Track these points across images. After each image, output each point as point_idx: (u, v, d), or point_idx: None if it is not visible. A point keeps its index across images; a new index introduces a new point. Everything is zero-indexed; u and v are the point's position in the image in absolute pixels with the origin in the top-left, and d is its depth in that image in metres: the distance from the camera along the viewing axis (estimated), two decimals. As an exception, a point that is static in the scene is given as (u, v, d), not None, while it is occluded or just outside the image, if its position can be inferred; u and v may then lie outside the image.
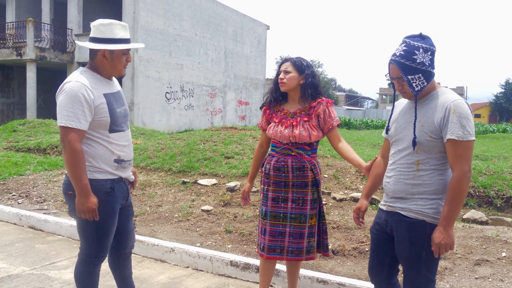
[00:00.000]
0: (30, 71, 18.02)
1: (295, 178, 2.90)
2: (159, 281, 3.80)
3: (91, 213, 2.50)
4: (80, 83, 2.49)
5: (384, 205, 2.46)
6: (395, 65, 2.23)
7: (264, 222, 2.97)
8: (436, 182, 2.24)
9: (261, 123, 3.13)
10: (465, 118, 2.13)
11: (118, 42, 2.56)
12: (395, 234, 2.35)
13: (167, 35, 20.36)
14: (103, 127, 2.58)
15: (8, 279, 3.74)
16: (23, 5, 21.12)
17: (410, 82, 2.21)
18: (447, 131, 2.14)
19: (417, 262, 2.26)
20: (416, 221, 2.25)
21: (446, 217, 2.15)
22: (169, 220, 5.13)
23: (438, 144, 2.21)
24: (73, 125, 2.43)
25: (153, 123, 19.51)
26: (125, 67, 2.67)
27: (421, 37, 2.23)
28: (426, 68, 2.20)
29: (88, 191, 2.47)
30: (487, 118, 69.43)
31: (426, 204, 2.24)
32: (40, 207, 5.80)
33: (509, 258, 3.75)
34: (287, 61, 2.98)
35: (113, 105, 2.62)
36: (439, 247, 2.16)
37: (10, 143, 10.16)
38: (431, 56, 2.21)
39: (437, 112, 2.19)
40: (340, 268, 3.80)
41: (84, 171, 2.46)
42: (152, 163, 7.35)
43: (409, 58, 2.19)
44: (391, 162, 2.42)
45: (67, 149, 2.43)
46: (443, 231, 2.15)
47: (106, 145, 2.60)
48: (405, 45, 2.22)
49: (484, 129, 28.45)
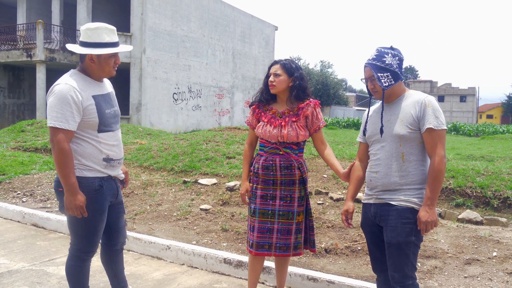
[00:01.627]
0: (40, 72, 18.28)
1: (283, 177, 2.99)
2: (153, 278, 3.89)
3: (78, 210, 2.59)
4: (69, 85, 2.59)
5: (370, 198, 2.65)
6: (368, 67, 2.57)
7: (253, 219, 3.06)
8: (420, 172, 2.51)
9: (250, 121, 3.21)
10: (437, 110, 2.47)
11: (104, 46, 2.65)
12: (385, 223, 2.54)
13: (175, 36, 20.52)
14: (92, 127, 2.67)
15: (8, 274, 3.85)
16: (33, 7, 21.43)
17: (380, 78, 2.51)
18: (425, 122, 2.45)
19: (406, 247, 2.46)
20: (406, 208, 2.49)
21: (430, 197, 2.41)
22: (167, 219, 5.22)
23: (417, 135, 2.49)
24: (61, 126, 2.53)
25: (161, 124, 19.68)
26: (114, 68, 2.76)
27: (391, 48, 2.59)
28: (394, 69, 2.53)
29: (75, 189, 2.57)
30: (500, 119, 68.75)
31: (414, 194, 2.50)
32: (43, 205, 5.93)
33: (500, 258, 3.77)
34: (277, 63, 3.07)
35: (102, 106, 2.72)
36: (425, 224, 2.41)
37: (18, 143, 10.36)
38: (398, 61, 2.56)
39: (414, 107, 2.50)
40: (331, 266, 3.85)
41: (71, 170, 2.56)
42: (155, 163, 7.46)
43: (379, 60, 2.54)
44: (375, 159, 2.62)
45: (56, 149, 2.54)
46: (428, 210, 2.41)
47: (95, 144, 2.69)
48: (377, 51, 2.58)
49: (493, 130, 28.17)
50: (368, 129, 2.69)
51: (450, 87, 66.51)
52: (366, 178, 2.68)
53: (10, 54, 19.08)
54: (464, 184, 5.36)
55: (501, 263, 3.70)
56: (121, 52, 2.85)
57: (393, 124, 2.53)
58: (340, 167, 3.00)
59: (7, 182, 6.90)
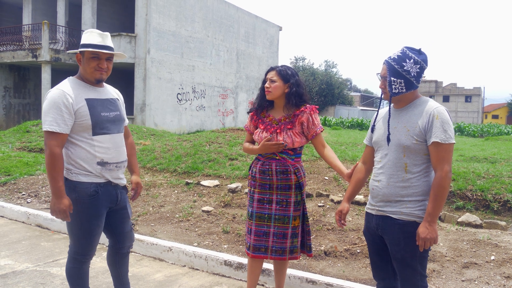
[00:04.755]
0: (45, 73, 18.40)
1: (279, 181, 3.04)
2: (155, 279, 3.95)
3: (62, 213, 2.64)
4: (60, 90, 2.69)
5: (372, 209, 2.58)
6: (385, 65, 2.46)
7: (250, 222, 3.12)
8: (423, 184, 2.41)
9: (248, 126, 3.28)
10: (446, 123, 2.33)
11: (87, 46, 2.74)
12: (388, 237, 2.48)
13: (179, 36, 20.60)
14: (85, 130, 2.73)
15: (12, 275, 3.92)
16: (39, 7, 21.57)
17: (391, 83, 2.42)
18: (431, 135, 2.33)
19: (412, 261, 2.41)
20: (408, 222, 2.41)
21: (431, 213, 2.32)
22: (170, 220, 5.28)
23: (423, 147, 2.38)
24: (53, 129, 2.61)
25: (165, 124, 19.76)
26: (97, 72, 2.79)
27: (419, 52, 2.42)
28: (410, 77, 2.39)
29: (61, 193, 2.63)
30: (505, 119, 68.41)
31: (415, 206, 2.40)
32: (47, 206, 6.01)
33: (497, 262, 3.80)
34: (273, 70, 3.12)
35: (97, 109, 2.77)
36: (424, 241, 2.32)
37: (23, 143, 10.46)
38: (419, 70, 2.40)
39: (422, 118, 2.38)
40: (330, 269, 3.90)
41: (60, 174, 2.63)
42: (159, 164, 7.52)
43: (399, 63, 2.40)
44: (378, 167, 2.55)
45: (47, 152, 2.62)
46: (428, 226, 2.31)
47: (87, 148, 2.74)
48: (401, 52, 2.43)
49: (498, 131, 28.05)
50: (375, 134, 2.61)
51: (455, 87, 66.24)
52: (369, 186, 2.62)
53: (15, 54, 19.23)
54: (464, 187, 5.38)
55: (499, 267, 3.73)
56: (118, 57, 2.94)
57: (399, 133, 2.44)
58: (344, 168, 3.00)
59: (12, 182, 6.98)
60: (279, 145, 2.97)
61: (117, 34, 18.78)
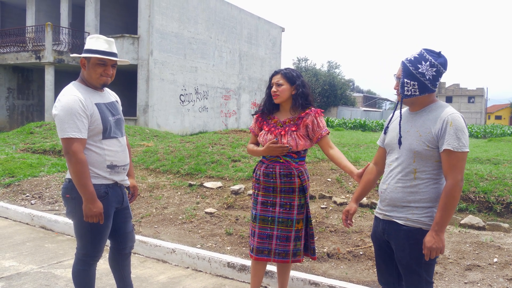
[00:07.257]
0: (49, 74, 18.48)
1: (283, 184, 3.05)
2: (159, 281, 3.96)
3: (97, 217, 2.70)
4: (74, 96, 2.70)
5: (380, 213, 2.57)
6: (401, 66, 2.40)
7: (254, 225, 3.13)
8: (431, 190, 2.36)
9: (253, 128, 3.29)
10: (460, 130, 2.26)
11: (94, 52, 2.75)
12: (394, 242, 2.47)
13: (181, 38, 20.64)
14: (96, 134, 2.76)
15: (17, 276, 3.95)
16: (42, 9, 21.66)
17: (404, 85, 2.36)
18: (444, 142, 2.27)
19: (417, 267, 2.38)
20: (413, 229, 2.37)
21: (439, 223, 2.27)
22: (173, 222, 5.30)
23: (434, 153, 2.33)
24: (76, 135, 2.64)
25: (168, 125, 19.80)
26: (102, 78, 2.82)
27: (438, 54, 2.35)
28: (424, 80, 2.32)
29: (94, 197, 2.68)
30: (508, 120, 68.26)
31: (422, 212, 2.36)
32: (51, 207, 6.04)
33: (500, 264, 3.80)
34: (278, 73, 3.13)
35: (105, 114, 2.82)
36: (430, 250, 2.28)
37: (27, 144, 10.51)
38: (435, 73, 2.32)
39: (436, 124, 2.31)
40: (333, 271, 3.91)
41: (89, 179, 2.66)
42: (162, 166, 7.55)
43: (414, 65, 2.33)
44: (388, 170, 2.52)
45: (73, 160, 2.62)
46: (434, 236, 2.27)
47: (98, 152, 2.78)
48: (418, 54, 2.37)
49: (501, 132, 27.98)
50: (387, 136, 2.57)
51: (458, 87, 66.16)
52: (378, 190, 2.59)
53: (19, 55, 19.31)
54: (467, 189, 5.38)
55: (502, 269, 3.74)
56: (123, 63, 2.98)
57: (411, 137, 2.38)
58: (354, 167, 2.98)
59: (16, 184, 7.02)
60: (283, 148, 2.98)
61: (120, 36, 18.84)
